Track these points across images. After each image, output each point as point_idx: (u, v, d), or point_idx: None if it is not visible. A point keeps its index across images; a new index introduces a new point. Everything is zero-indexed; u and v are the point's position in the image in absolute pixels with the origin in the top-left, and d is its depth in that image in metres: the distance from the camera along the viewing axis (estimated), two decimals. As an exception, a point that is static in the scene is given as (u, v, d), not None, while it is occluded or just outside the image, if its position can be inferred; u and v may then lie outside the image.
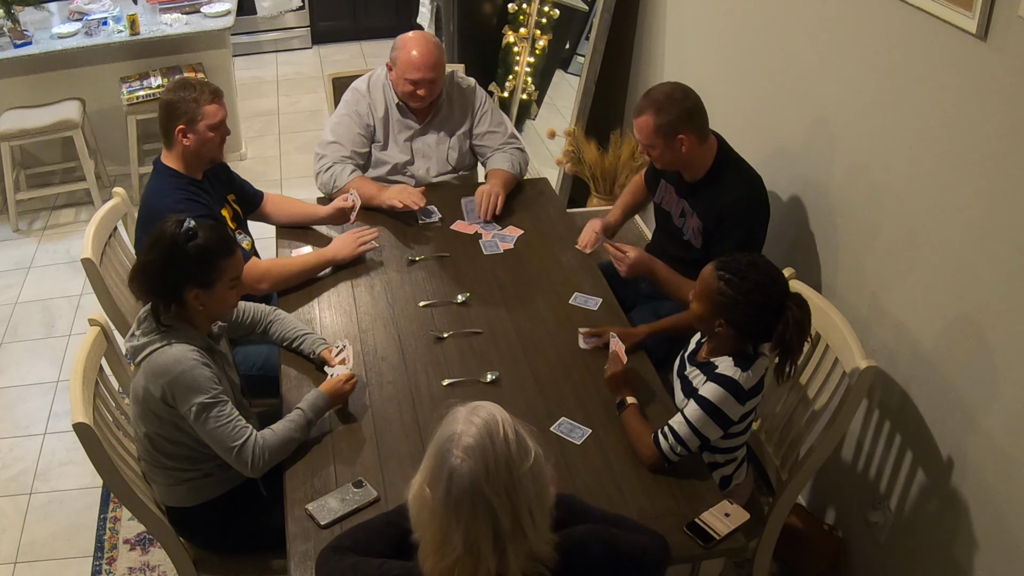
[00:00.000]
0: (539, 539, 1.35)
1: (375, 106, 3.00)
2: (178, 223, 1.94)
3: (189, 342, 1.95)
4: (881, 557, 2.45)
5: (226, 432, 1.93)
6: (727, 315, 1.91)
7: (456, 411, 1.37)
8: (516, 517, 1.31)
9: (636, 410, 2.04)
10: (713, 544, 1.81)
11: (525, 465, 1.32)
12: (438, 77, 2.89)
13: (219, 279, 1.96)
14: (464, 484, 1.29)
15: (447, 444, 1.33)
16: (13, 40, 4.28)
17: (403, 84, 2.89)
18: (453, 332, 2.40)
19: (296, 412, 2.03)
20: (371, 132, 3.01)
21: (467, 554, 1.31)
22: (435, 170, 3.07)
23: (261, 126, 5.50)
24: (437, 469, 1.33)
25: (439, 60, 2.87)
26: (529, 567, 1.35)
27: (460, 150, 3.08)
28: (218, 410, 1.93)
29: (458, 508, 1.30)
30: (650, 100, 2.39)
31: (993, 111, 1.89)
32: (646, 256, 2.48)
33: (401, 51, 2.87)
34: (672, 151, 2.40)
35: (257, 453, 1.95)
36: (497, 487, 1.29)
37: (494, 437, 1.31)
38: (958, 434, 2.10)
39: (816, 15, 2.56)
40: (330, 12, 6.61)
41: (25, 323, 3.82)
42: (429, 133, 3.04)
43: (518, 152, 3.08)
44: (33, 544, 2.82)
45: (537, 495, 1.34)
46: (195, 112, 2.41)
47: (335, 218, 2.80)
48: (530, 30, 4.52)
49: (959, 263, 2.05)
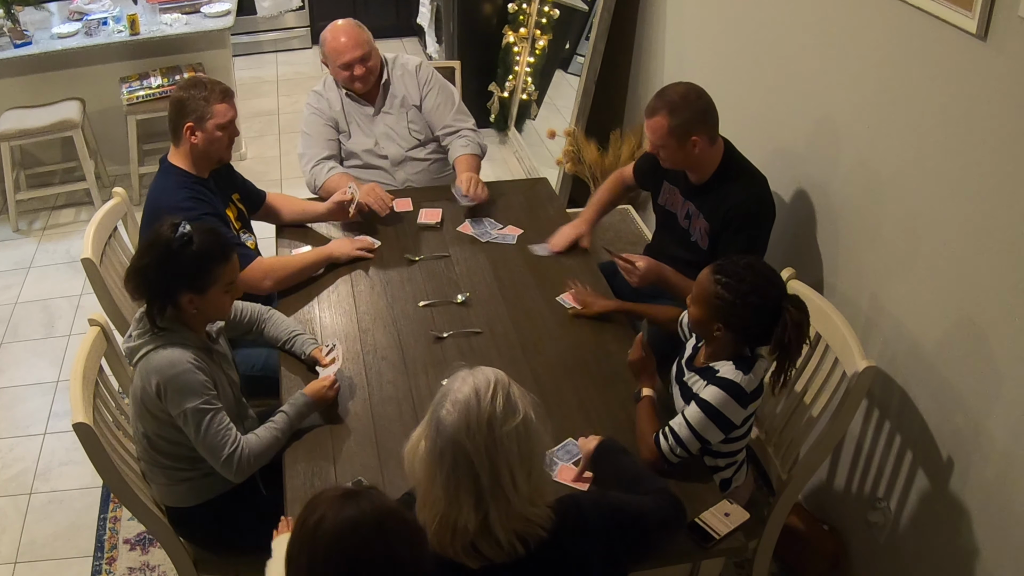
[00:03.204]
0: (524, 502, 1.40)
1: (331, 102, 3.09)
2: (173, 227, 1.93)
3: (184, 344, 1.95)
4: (881, 557, 2.45)
5: (215, 439, 1.94)
6: (725, 319, 1.91)
7: (460, 372, 1.45)
8: (496, 477, 1.37)
9: (650, 404, 2.03)
10: (713, 544, 1.81)
11: (509, 425, 1.38)
12: (367, 53, 2.97)
13: (213, 284, 1.95)
14: (447, 435, 1.37)
15: (442, 399, 1.41)
16: (13, 40, 4.28)
17: (339, 72, 3.00)
18: (453, 332, 2.40)
19: (280, 415, 2.04)
20: (336, 124, 3.10)
21: (450, 508, 1.38)
22: (403, 148, 3.13)
23: (261, 126, 5.49)
24: (430, 421, 1.41)
25: (363, 37, 2.97)
26: (520, 527, 1.41)
27: (420, 123, 3.14)
28: (209, 416, 1.93)
29: (441, 458, 1.38)
30: (664, 101, 2.37)
31: (993, 111, 1.89)
32: (655, 264, 2.47)
33: (327, 44, 2.98)
34: (684, 152, 2.40)
35: (243, 460, 1.96)
36: (477, 443, 1.36)
37: (480, 395, 1.38)
38: (958, 434, 2.10)
39: (816, 15, 2.56)
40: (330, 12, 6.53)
41: (25, 323, 3.81)
42: (384, 113, 3.11)
43: (471, 132, 3.13)
44: (33, 544, 2.82)
45: (521, 457, 1.39)
46: (204, 110, 2.42)
47: (336, 213, 2.81)
48: (530, 30, 4.52)
49: (959, 263, 2.05)
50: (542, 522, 1.43)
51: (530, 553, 1.42)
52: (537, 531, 1.43)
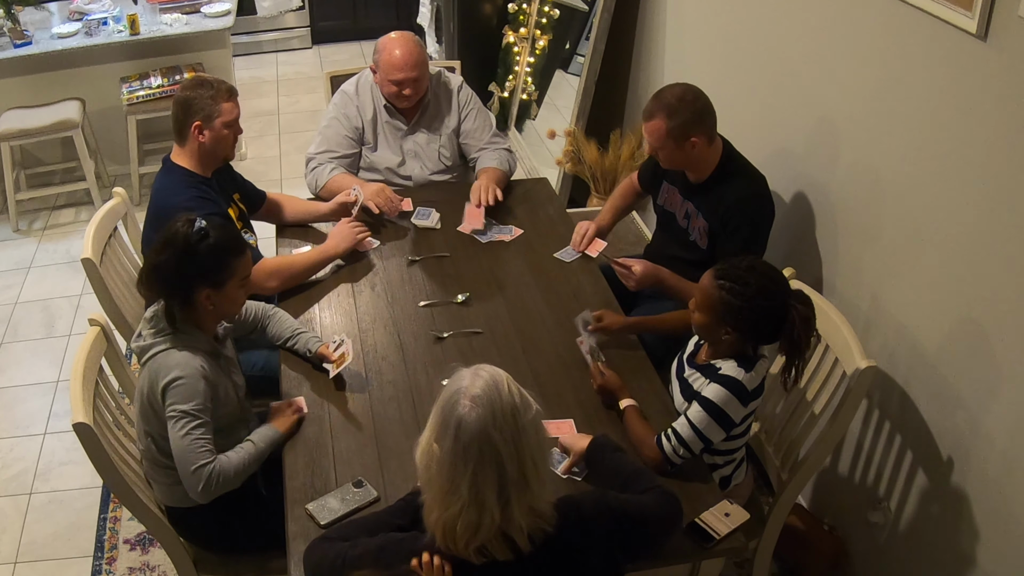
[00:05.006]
0: (541, 491, 1.43)
1: (363, 108, 3.01)
2: (189, 222, 1.94)
3: (196, 347, 1.95)
4: (881, 557, 2.45)
5: (193, 447, 1.91)
6: (733, 322, 1.91)
7: (460, 371, 1.45)
8: (521, 465, 1.39)
9: (636, 412, 2.04)
10: (713, 544, 1.81)
11: (529, 414, 1.41)
12: (421, 75, 2.91)
13: (230, 278, 1.96)
14: (472, 430, 1.37)
15: (454, 397, 1.40)
16: (13, 40, 4.28)
17: (388, 85, 2.91)
18: (453, 332, 2.40)
19: (248, 444, 2.01)
20: (359, 134, 3.03)
21: (472, 503, 1.38)
22: (429, 170, 3.08)
23: (261, 126, 5.49)
24: (445, 421, 1.40)
25: (420, 58, 2.89)
26: (531, 522, 1.43)
27: (451, 148, 3.09)
28: (195, 425, 1.91)
29: (466, 454, 1.37)
30: (661, 103, 2.36)
31: (993, 111, 1.89)
32: (651, 267, 2.47)
33: (382, 53, 2.89)
34: (682, 152, 2.39)
35: (212, 480, 1.92)
36: (505, 433, 1.37)
37: (500, 388, 1.40)
38: (958, 434, 2.10)
39: (816, 15, 2.56)
40: (330, 12, 6.61)
41: (25, 323, 3.82)
42: (418, 133, 3.05)
43: (505, 152, 3.09)
44: (33, 544, 2.82)
45: (539, 445, 1.42)
46: (212, 109, 2.42)
47: (339, 214, 2.80)
48: (530, 30, 4.52)
49: (959, 263, 2.05)
50: (548, 518, 1.45)
51: (534, 551, 1.43)
52: (543, 526, 1.44)
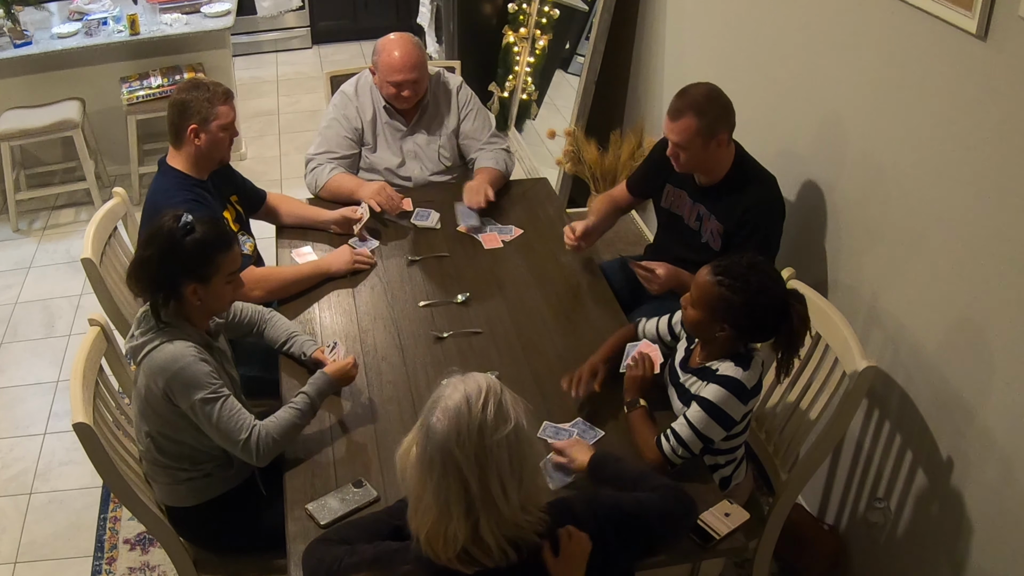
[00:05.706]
0: (515, 510, 1.39)
1: (363, 109, 3.02)
2: (175, 217, 1.94)
3: (187, 339, 1.95)
4: (881, 557, 2.45)
5: (230, 425, 1.94)
6: (732, 320, 1.91)
7: (453, 378, 1.43)
8: (485, 485, 1.35)
9: (645, 413, 2.03)
10: (713, 544, 1.81)
11: (500, 433, 1.36)
12: (420, 77, 2.91)
13: (216, 273, 1.96)
14: (436, 442, 1.36)
15: (433, 405, 1.39)
16: (13, 40, 4.28)
17: (387, 87, 2.92)
18: (453, 332, 2.40)
19: (300, 397, 2.04)
20: (359, 135, 3.03)
21: (440, 516, 1.37)
22: (428, 170, 3.08)
23: (261, 126, 5.50)
24: (420, 427, 1.40)
25: (420, 60, 2.89)
26: (513, 533, 1.40)
27: (451, 149, 3.10)
28: (220, 404, 1.93)
29: (431, 465, 1.36)
30: (689, 101, 2.33)
31: (993, 111, 1.89)
32: (673, 270, 2.44)
33: (382, 54, 2.89)
34: (707, 152, 2.37)
35: (262, 443, 1.96)
36: (467, 450, 1.34)
37: (471, 403, 1.37)
38: (958, 434, 2.10)
39: (815, 15, 2.56)
40: (330, 12, 6.60)
41: (25, 323, 3.81)
42: (417, 134, 3.06)
43: (503, 152, 3.09)
44: (33, 544, 2.82)
45: (512, 466, 1.37)
46: (208, 112, 2.42)
47: (340, 224, 2.80)
48: (530, 30, 4.52)
49: (960, 263, 2.05)
50: (535, 528, 1.42)
51: (523, 559, 1.41)
52: (531, 537, 1.41)
